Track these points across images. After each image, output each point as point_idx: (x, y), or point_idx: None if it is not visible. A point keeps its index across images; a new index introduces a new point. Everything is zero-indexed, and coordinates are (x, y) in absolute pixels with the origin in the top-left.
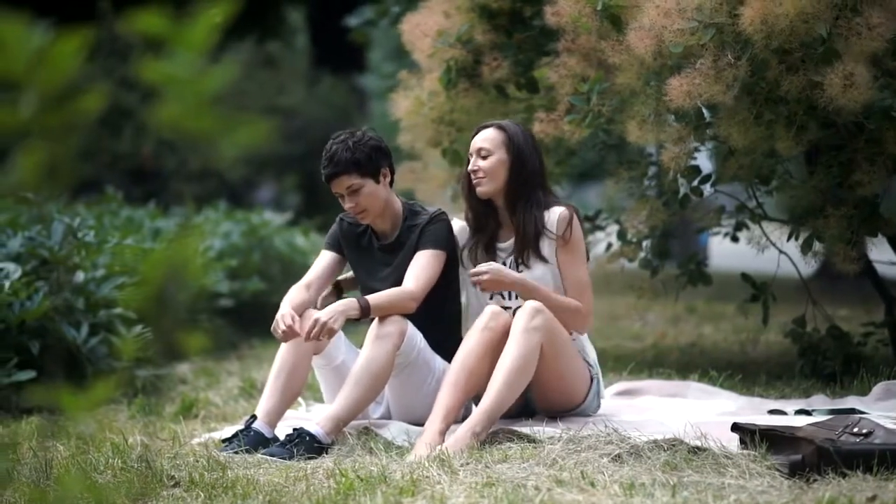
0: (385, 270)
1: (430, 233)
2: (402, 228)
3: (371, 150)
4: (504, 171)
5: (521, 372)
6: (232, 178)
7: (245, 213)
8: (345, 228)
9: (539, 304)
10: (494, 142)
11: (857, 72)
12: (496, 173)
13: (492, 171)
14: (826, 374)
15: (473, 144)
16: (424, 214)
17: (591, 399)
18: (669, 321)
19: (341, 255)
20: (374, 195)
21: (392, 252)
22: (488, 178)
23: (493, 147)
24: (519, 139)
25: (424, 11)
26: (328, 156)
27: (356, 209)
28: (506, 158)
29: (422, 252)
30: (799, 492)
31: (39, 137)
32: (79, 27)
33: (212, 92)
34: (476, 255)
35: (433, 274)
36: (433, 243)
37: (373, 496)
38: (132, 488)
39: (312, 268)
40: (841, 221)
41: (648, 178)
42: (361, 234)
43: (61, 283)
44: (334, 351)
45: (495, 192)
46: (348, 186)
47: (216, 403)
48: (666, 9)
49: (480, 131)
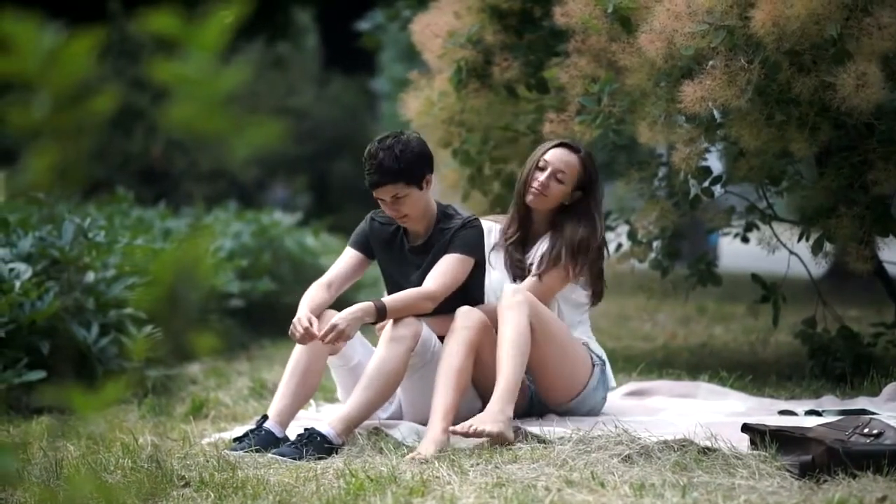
0: (415, 273)
1: (461, 237)
2: (433, 231)
3: (417, 157)
4: (560, 200)
5: (521, 344)
6: (243, 179)
7: (255, 214)
8: (376, 228)
9: (516, 286)
10: (573, 171)
11: (869, 71)
12: (556, 199)
13: (557, 196)
14: (836, 375)
15: (552, 158)
16: (458, 218)
17: (595, 387)
18: (680, 322)
19: (366, 255)
20: (417, 202)
21: (422, 253)
22: (549, 199)
23: (570, 175)
24: (593, 176)
25: (435, 12)
26: (374, 163)
27: (398, 215)
28: (570, 191)
29: (449, 255)
30: (809, 493)
31: (51, 138)
32: (90, 28)
33: (224, 93)
34: (510, 253)
35: (457, 278)
36: (462, 248)
37: (383, 496)
38: (142, 488)
39: (334, 266)
40: (853, 221)
41: (659, 178)
42: (393, 234)
43: (72, 283)
44: (350, 351)
45: (542, 211)
46: (394, 195)
47: (226, 404)
48: (676, 11)
49: (563, 149)
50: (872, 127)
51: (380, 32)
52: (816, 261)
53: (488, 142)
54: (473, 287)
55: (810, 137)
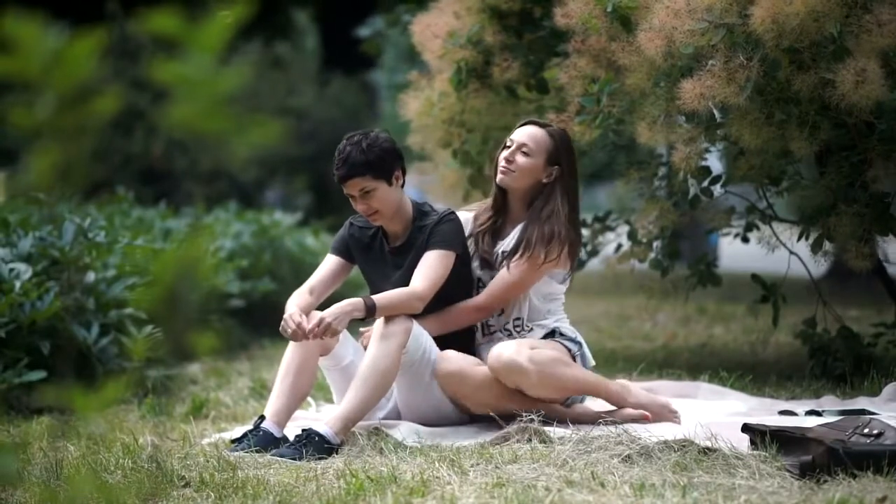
0: (396, 273)
1: (439, 233)
2: (412, 229)
3: (384, 151)
4: (533, 178)
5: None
6: (243, 179)
7: (255, 214)
8: (355, 233)
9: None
10: (540, 146)
11: (869, 68)
12: (524, 175)
13: (522, 170)
14: (836, 375)
15: (517, 135)
16: (434, 214)
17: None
18: (680, 322)
19: (347, 260)
20: (386, 197)
21: (402, 254)
22: (519, 174)
23: (536, 149)
24: (562, 154)
25: (435, 12)
26: (342, 157)
27: (368, 211)
28: (541, 167)
29: (430, 252)
30: (809, 493)
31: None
32: (90, 28)
33: (225, 93)
34: (483, 239)
35: (441, 274)
36: (442, 243)
37: (383, 496)
38: (142, 488)
39: (316, 272)
40: (853, 219)
41: (659, 178)
42: (372, 238)
43: (72, 283)
44: (342, 351)
45: (515, 189)
46: (361, 188)
47: (226, 404)
48: (676, 9)
49: (529, 126)
50: (872, 125)
51: (380, 38)
52: (816, 260)
53: (488, 142)
54: (458, 282)
55: (810, 136)
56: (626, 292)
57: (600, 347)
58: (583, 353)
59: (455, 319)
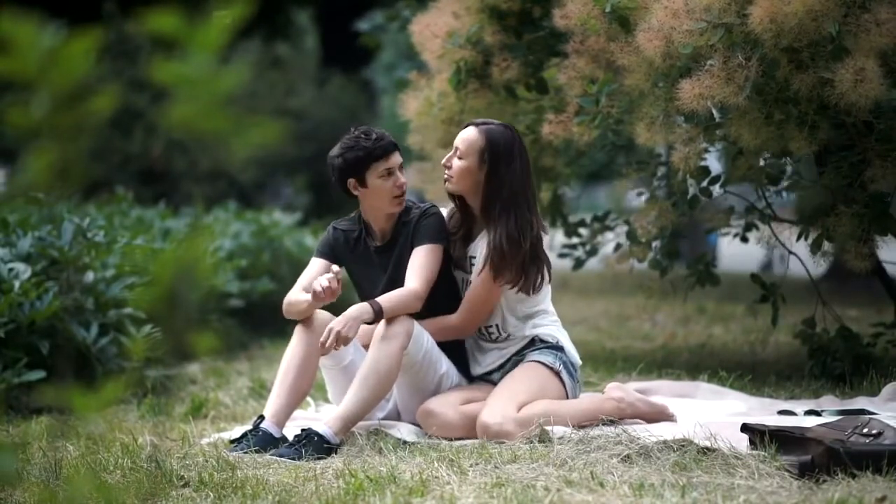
0: (382, 273)
1: (425, 227)
2: (396, 225)
3: None
4: (471, 179)
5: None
6: (242, 179)
7: (255, 214)
8: (338, 236)
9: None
10: (472, 146)
11: (867, 67)
12: (461, 177)
13: (458, 173)
14: (836, 375)
15: (456, 138)
16: (416, 210)
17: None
18: (679, 322)
19: (333, 263)
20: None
21: (387, 252)
22: (456, 179)
23: (467, 150)
24: (499, 150)
25: (434, 12)
26: (379, 134)
27: (402, 188)
28: (475, 167)
29: (419, 248)
30: (808, 492)
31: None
32: (87, 28)
33: (225, 93)
34: (455, 246)
35: (434, 269)
36: (429, 238)
37: (382, 496)
38: (142, 488)
39: (303, 275)
40: (852, 219)
41: (658, 178)
42: (356, 240)
43: (71, 283)
44: (343, 351)
45: (464, 194)
46: (400, 164)
47: (226, 403)
48: (674, 10)
49: (467, 127)
50: (871, 125)
51: (379, 33)
52: (815, 260)
53: None
54: (444, 275)
55: (809, 136)
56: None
57: (600, 347)
58: (566, 360)
59: (438, 336)
